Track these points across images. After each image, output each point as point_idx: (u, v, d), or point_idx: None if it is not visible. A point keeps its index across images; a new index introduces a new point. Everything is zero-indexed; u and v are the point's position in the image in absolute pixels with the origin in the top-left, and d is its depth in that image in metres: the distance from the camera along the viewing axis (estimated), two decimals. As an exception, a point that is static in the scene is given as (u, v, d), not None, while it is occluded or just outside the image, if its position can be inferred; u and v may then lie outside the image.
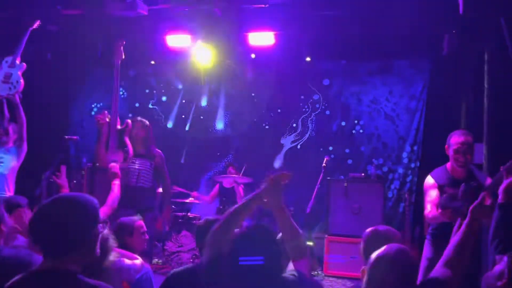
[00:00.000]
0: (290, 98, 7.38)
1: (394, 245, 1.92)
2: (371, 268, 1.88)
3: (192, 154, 7.67)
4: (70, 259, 1.68)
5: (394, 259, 1.84)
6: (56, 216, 1.69)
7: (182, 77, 7.79)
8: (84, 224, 1.72)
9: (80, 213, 1.72)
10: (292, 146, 7.38)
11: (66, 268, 1.66)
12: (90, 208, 1.74)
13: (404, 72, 6.98)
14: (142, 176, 4.61)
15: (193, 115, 7.75)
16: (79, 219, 1.71)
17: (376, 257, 1.88)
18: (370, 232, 2.41)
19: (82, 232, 1.71)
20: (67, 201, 1.76)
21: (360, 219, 5.94)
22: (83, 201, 1.75)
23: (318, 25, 5.83)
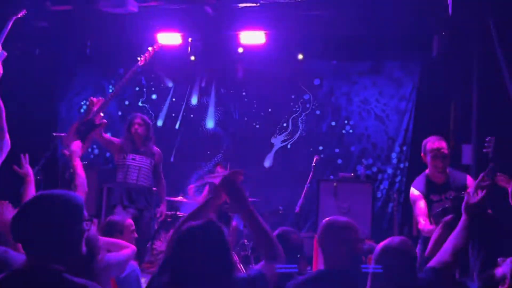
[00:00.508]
0: (280, 98, 7.38)
1: (396, 237, 2.10)
2: (377, 257, 2.06)
3: (182, 152, 7.64)
4: (54, 257, 1.65)
5: (397, 248, 2.05)
6: (39, 213, 1.65)
7: (173, 75, 7.75)
8: (68, 222, 1.68)
9: (63, 211, 1.68)
10: (283, 146, 7.38)
11: (50, 267, 1.63)
12: (73, 205, 1.71)
13: (394, 73, 7.02)
14: (142, 174, 4.63)
15: (183, 113, 7.72)
16: (63, 216, 1.67)
17: (382, 247, 2.08)
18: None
19: (66, 230, 1.67)
20: (50, 198, 1.71)
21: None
22: (66, 199, 1.71)
23: (309, 25, 5.85)
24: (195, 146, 7.59)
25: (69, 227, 1.68)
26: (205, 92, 7.66)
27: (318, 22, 5.78)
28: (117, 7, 4.89)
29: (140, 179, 4.60)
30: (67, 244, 1.68)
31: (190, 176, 7.56)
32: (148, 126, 4.79)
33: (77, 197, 1.75)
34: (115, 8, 4.91)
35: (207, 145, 7.57)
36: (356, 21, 5.61)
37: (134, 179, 4.55)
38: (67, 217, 1.69)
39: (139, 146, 4.71)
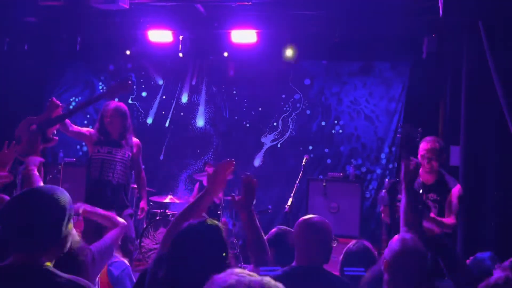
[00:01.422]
0: (271, 97, 7.38)
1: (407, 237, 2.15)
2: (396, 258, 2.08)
3: (171, 151, 7.60)
4: (43, 253, 1.64)
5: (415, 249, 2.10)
6: (28, 209, 1.63)
7: (163, 72, 7.72)
8: (58, 218, 1.67)
9: (53, 207, 1.66)
10: (273, 145, 7.38)
11: (39, 263, 1.62)
12: (63, 201, 1.69)
13: (384, 74, 7.06)
14: (118, 169, 4.15)
15: (173, 111, 7.68)
16: (52, 212, 1.66)
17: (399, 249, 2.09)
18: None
19: (55, 226, 1.66)
20: (40, 194, 1.69)
21: (338, 219, 5.98)
22: (56, 194, 1.70)
23: (300, 24, 5.85)
24: (185, 144, 7.56)
25: (59, 223, 1.67)
26: (196, 90, 7.63)
27: (309, 22, 5.79)
28: (108, 4, 4.83)
29: (116, 175, 4.13)
30: (56, 240, 1.67)
31: (180, 174, 7.54)
32: (123, 116, 4.21)
33: (65, 192, 1.73)
34: (106, 4, 4.85)
35: (197, 144, 7.55)
36: (347, 22, 5.63)
37: (110, 175, 4.10)
38: (57, 213, 1.67)
39: (116, 137, 4.20)
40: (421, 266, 2.08)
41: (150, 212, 6.36)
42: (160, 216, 6.05)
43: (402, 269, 2.06)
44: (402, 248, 2.08)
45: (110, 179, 4.12)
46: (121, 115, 4.20)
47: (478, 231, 4.38)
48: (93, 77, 7.94)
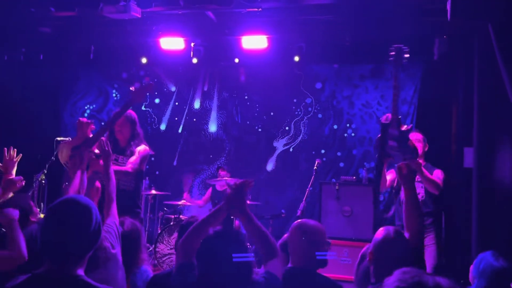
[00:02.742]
0: (283, 101, 7.41)
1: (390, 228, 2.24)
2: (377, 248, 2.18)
3: (184, 156, 7.67)
4: (77, 263, 1.67)
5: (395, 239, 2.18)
6: (73, 221, 1.66)
7: (175, 79, 7.81)
8: (98, 228, 1.71)
9: (95, 217, 1.70)
10: (285, 149, 7.40)
11: (73, 272, 1.65)
12: (92, 210, 1.72)
13: (396, 76, 7.03)
14: (124, 177, 4.08)
15: (186, 117, 7.76)
16: (87, 224, 1.68)
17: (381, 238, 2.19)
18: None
19: (90, 237, 1.70)
20: (79, 203, 1.71)
21: (351, 222, 5.97)
22: (90, 205, 1.72)
23: (311, 29, 5.88)
24: (197, 150, 7.63)
25: (97, 234, 1.70)
26: (208, 96, 7.71)
27: (320, 26, 5.81)
28: (120, 13, 4.92)
29: (122, 182, 4.06)
30: (88, 249, 1.70)
31: (194, 179, 7.60)
32: (132, 123, 4.19)
33: (92, 202, 1.77)
34: (118, 14, 4.94)
35: (209, 149, 7.61)
36: (357, 25, 5.64)
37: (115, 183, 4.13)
38: (90, 225, 1.69)
39: (124, 145, 4.18)
40: (403, 254, 2.12)
41: (164, 217, 6.44)
42: (174, 222, 6.11)
43: (385, 257, 2.12)
44: (384, 237, 2.18)
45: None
46: (131, 122, 4.22)
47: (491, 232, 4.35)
48: (107, 84, 8.06)
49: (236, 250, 1.89)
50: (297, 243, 2.44)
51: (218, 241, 1.94)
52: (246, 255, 1.90)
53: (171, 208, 6.63)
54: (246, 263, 1.92)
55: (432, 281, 1.25)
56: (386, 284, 1.35)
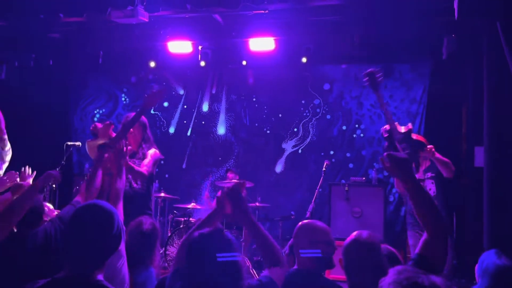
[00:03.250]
0: (291, 103, 7.41)
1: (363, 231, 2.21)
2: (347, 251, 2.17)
3: (193, 159, 7.70)
4: (97, 268, 1.68)
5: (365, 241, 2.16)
6: (96, 226, 1.67)
7: (184, 82, 7.84)
8: (119, 233, 1.73)
9: (117, 222, 1.71)
10: (294, 151, 7.40)
11: (93, 277, 1.66)
12: (114, 216, 1.73)
13: (405, 76, 7.01)
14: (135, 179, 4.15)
15: (194, 120, 7.79)
16: (117, 228, 1.71)
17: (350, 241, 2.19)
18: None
19: (115, 243, 1.72)
20: (102, 208, 1.73)
21: (361, 223, 5.95)
22: (112, 211, 1.74)
23: (318, 30, 5.87)
24: (206, 152, 7.65)
25: (110, 237, 1.71)
26: (216, 98, 7.73)
27: (327, 27, 5.80)
28: (127, 18, 4.96)
29: (133, 185, 4.14)
30: (108, 255, 1.71)
31: (202, 182, 7.62)
32: (144, 127, 4.28)
33: (114, 209, 1.78)
34: (126, 19, 4.98)
35: (218, 151, 7.63)
36: (365, 25, 5.61)
37: (127, 186, 4.07)
38: (117, 230, 1.71)
39: (135, 149, 4.24)
40: (372, 257, 2.09)
41: (174, 220, 6.46)
42: (184, 224, 6.13)
43: (352, 259, 2.12)
44: (354, 239, 2.18)
45: (127, 189, 4.08)
46: (142, 126, 4.28)
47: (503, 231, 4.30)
48: (116, 89, 8.12)
49: (223, 251, 1.84)
50: (302, 244, 2.42)
51: (204, 242, 1.88)
52: (231, 254, 1.84)
53: (180, 211, 6.65)
54: (235, 266, 1.85)
55: (427, 281, 1.23)
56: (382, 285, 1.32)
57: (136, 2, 4.93)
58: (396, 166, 1.98)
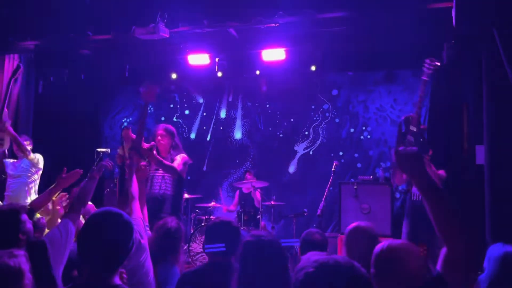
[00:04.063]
0: (301, 108, 7.39)
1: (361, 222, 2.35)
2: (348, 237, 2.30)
3: (213, 162, 7.72)
4: (116, 272, 1.65)
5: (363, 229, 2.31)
6: (115, 233, 1.62)
7: (203, 92, 7.88)
8: (131, 239, 1.67)
9: (128, 230, 1.67)
10: (305, 153, 7.36)
11: (110, 280, 1.62)
12: (129, 222, 1.70)
13: (407, 81, 6.93)
14: (165, 183, 4.20)
15: (213, 126, 7.82)
16: (129, 235, 1.66)
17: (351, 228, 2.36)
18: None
19: (130, 247, 1.67)
20: (119, 215, 1.67)
21: (370, 219, 5.87)
22: (123, 216, 1.69)
23: (326, 40, 5.84)
24: (225, 155, 7.67)
25: (132, 244, 1.67)
26: (233, 106, 7.75)
27: (334, 37, 5.76)
28: (150, 34, 5.01)
29: (163, 188, 4.17)
30: (124, 260, 1.67)
31: (222, 183, 7.64)
32: (171, 135, 4.33)
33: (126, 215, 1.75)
34: (149, 35, 5.03)
35: (236, 154, 7.64)
36: (369, 35, 5.57)
37: (157, 188, 4.15)
38: (131, 235, 1.67)
39: (164, 155, 4.27)
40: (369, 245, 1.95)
41: (196, 218, 6.48)
42: (205, 222, 6.14)
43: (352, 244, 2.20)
44: (354, 227, 2.32)
45: (157, 192, 4.18)
46: (170, 134, 4.34)
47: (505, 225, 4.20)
48: (141, 99, 8.17)
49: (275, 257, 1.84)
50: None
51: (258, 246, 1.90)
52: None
53: (202, 209, 6.66)
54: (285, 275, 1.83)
55: (332, 260, 1.23)
56: (295, 272, 1.32)
57: (158, 20, 4.97)
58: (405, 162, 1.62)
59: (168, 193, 4.18)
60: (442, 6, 4.51)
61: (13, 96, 6.18)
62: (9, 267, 1.60)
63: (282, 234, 6.85)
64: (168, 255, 2.80)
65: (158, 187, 4.18)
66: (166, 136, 4.30)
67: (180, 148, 4.35)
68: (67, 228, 2.20)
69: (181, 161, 4.21)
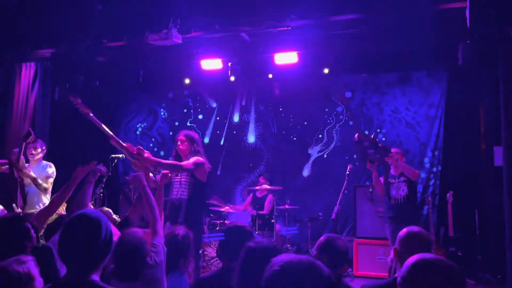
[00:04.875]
0: (315, 111, 7.36)
1: (414, 227, 2.23)
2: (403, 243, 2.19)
3: (227, 166, 7.74)
4: (94, 270, 1.71)
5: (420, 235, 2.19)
6: (86, 233, 1.69)
7: (216, 96, 7.92)
8: (109, 239, 1.74)
9: (105, 229, 1.73)
10: (319, 156, 7.33)
11: (91, 279, 1.69)
12: (109, 223, 1.76)
13: (422, 81, 6.85)
14: (182, 188, 4.20)
15: (227, 130, 7.85)
16: (105, 235, 1.72)
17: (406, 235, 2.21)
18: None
19: (108, 247, 1.73)
20: (91, 218, 1.74)
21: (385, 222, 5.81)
22: (103, 217, 1.76)
23: (338, 42, 5.81)
24: (238, 159, 7.68)
25: (110, 243, 1.74)
26: (246, 110, 7.76)
27: (347, 40, 5.73)
28: (163, 40, 5.06)
29: (179, 192, 4.19)
30: (98, 256, 1.72)
31: (236, 186, 7.65)
32: (191, 141, 4.35)
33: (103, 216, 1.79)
34: (162, 41, 5.08)
35: (249, 158, 7.65)
36: (382, 36, 5.52)
37: (175, 193, 4.20)
38: (108, 235, 1.74)
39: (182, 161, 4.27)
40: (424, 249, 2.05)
41: (210, 222, 6.49)
42: (219, 227, 6.15)
43: (407, 249, 2.11)
44: (407, 233, 2.21)
45: (174, 197, 4.20)
46: (189, 140, 4.34)
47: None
48: (155, 104, 8.28)
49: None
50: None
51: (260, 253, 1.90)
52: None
53: (216, 214, 6.68)
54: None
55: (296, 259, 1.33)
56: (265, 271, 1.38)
57: (170, 26, 5.02)
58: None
59: (183, 197, 4.16)
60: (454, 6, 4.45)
61: (30, 103, 6.30)
62: (19, 274, 1.69)
63: (296, 238, 6.82)
64: (178, 265, 2.78)
65: (175, 192, 4.20)
66: (186, 141, 4.32)
67: (201, 154, 4.33)
68: None
69: (192, 161, 4.17)
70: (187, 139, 4.34)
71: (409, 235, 2.23)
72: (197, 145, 4.35)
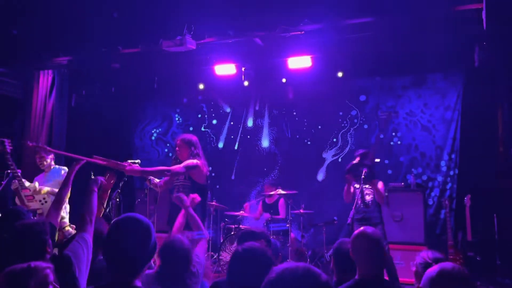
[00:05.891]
0: (329, 115, 7.33)
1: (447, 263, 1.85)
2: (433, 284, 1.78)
3: (241, 170, 7.75)
4: (138, 275, 1.71)
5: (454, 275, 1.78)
6: (138, 235, 1.69)
7: (230, 101, 7.95)
8: (156, 243, 1.74)
9: (154, 233, 1.74)
10: (334, 160, 7.29)
11: (135, 285, 1.68)
12: (150, 227, 1.75)
13: (438, 84, 6.77)
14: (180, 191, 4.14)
15: (240, 135, 7.87)
16: (148, 240, 1.72)
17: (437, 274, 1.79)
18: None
19: (154, 250, 1.74)
20: (141, 220, 1.74)
21: (402, 227, 5.76)
22: (146, 222, 1.76)
23: (351, 46, 5.80)
24: (252, 164, 7.68)
25: (147, 248, 1.73)
26: (259, 114, 7.77)
27: (360, 43, 5.71)
28: (177, 46, 5.11)
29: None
30: (146, 264, 1.73)
31: (250, 191, 7.65)
32: (188, 145, 4.27)
33: (150, 222, 1.80)
34: (176, 47, 5.13)
35: (263, 163, 7.64)
36: (396, 38, 5.49)
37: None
38: (153, 239, 1.74)
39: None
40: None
41: (225, 227, 6.50)
42: (234, 231, 6.16)
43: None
44: (440, 272, 1.79)
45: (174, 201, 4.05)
46: (187, 145, 4.28)
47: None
48: (170, 110, 8.35)
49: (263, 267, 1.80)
50: (364, 251, 2.27)
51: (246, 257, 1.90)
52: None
53: (231, 218, 6.69)
54: None
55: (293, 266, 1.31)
56: None
57: (184, 32, 5.08)
58: None
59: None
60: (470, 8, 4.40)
61: (48, 110, 6.42)
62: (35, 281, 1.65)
63: (311, 242, 6.78)
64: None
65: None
66: (182, 145, 4.29)
67: (200, 157, 4.28)
68: (86, 241, 2.27)
69: (183, 165, 4.14)
70: (184, 143, 4.29)
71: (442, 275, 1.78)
72: (195, 148, 4.29)
